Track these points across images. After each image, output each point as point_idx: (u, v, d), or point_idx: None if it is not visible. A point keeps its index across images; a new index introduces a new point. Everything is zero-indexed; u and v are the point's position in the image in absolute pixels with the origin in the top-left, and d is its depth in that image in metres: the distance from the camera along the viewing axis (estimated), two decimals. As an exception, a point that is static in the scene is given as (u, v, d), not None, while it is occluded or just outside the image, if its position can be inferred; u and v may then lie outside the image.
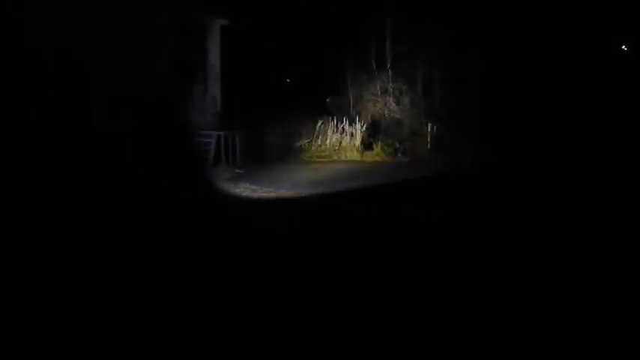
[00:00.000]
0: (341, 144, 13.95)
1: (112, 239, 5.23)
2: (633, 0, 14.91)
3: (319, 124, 14.03)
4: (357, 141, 13.94)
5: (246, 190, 8.74)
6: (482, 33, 14.34)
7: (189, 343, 3.07)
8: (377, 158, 13.40)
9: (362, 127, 14.11)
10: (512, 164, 11.03)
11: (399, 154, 13.59)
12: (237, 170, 11.01)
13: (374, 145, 13.86)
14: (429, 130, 14.39)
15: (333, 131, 14.05)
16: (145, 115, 9.79)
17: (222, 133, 11.81)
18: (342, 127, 14.11)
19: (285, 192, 8.48)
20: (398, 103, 15.50)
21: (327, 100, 15.76)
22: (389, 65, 15.69)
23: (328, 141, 13.96)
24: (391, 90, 15.62)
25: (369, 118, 14.90)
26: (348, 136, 14.04)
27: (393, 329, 3.24)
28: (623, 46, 16.29)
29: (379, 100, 15.62)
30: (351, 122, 14.24)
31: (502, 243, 5.22)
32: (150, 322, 3.37)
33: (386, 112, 15.44)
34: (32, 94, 7.80)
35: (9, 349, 2.97)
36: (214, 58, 13.63)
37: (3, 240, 4.89)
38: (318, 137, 13.99)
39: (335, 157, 13.51)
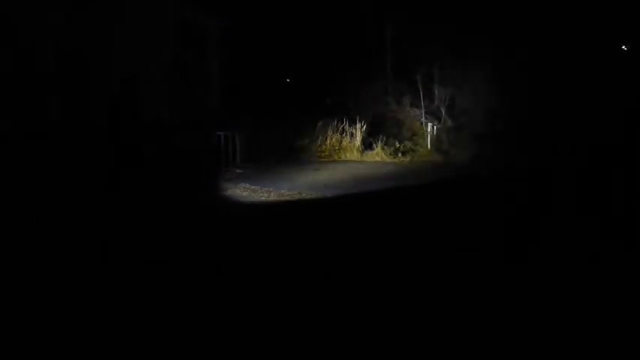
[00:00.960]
0: (341, 144, 13.96)
1: (110, 239, 5.23)
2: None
3: (319, 124, 14.03)
4: (358, 141, 13.96)
5: (246, 190, 8.75)
6: (481, 33, 14.33)
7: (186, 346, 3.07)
8: (377, 158, 13.41)
9: (362, 127, 14.11)
10: (512, 165, 11.00)
11: (400, 154, 13.61)
12: (238, 170, 11.01)
13: (374, 145, 13.87)
14: (429, 130, 14.40)
15: (334, 131, 14.05)
16: (144, 115, 9.77)
17: (222, 133, 11.80)
18: (343, 127, 14.11)
19: (285, 192, 8.48)
20: (398, 103, 15.51)
21: (327, 100, 15.76)
22: (389, 65, 15.69)
23: (328, 141, 13.97)
24: (391, 90, 15.63)
25: (369, 118, 14.91)
26: (349, 136, 14.04)
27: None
28: (623, 46, 16.27)
29: (379, 100, 15.63)
30: (352, 122, 14.24)
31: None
32: (148, 322, 3.37)
33: (386, 112, 15.45)
34: (32, 94, 7.79)
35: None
36: (214, 58, 13.62)
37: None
38: (318, 137, 13.99)
39: (335, 157, 13.53)
